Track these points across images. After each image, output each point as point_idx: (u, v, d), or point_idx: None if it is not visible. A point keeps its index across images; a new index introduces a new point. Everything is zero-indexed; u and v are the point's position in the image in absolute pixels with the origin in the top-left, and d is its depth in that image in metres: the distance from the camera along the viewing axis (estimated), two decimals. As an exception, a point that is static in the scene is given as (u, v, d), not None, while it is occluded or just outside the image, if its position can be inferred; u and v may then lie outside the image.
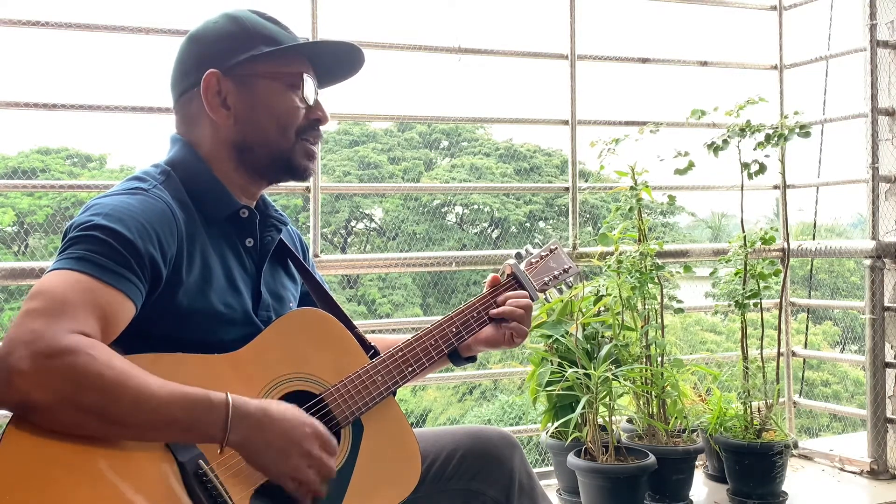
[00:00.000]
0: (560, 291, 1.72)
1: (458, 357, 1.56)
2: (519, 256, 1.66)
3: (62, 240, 1.18)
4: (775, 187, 2.99)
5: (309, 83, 1.37)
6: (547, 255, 1.68)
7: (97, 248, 1.13)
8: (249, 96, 1.33)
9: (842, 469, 2.71)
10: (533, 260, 1.66)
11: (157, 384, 1.07)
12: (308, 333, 1.34)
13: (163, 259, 1.20)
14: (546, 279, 1.65)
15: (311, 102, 1.38)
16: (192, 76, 1.34)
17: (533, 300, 1.58)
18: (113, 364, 1.04)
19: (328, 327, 1.37)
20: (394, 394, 1.39)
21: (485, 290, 1.57)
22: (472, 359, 1.60)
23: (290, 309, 1.43)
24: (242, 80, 1.33)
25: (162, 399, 1.06)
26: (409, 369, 1.40)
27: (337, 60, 1.44)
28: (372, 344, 1.43)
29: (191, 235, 1.27)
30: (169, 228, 1.22)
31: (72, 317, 1.05)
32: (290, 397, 1.28)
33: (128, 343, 1.17)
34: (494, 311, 1.53)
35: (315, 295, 1.51)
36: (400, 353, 1.40)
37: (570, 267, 1.68)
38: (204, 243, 1.29)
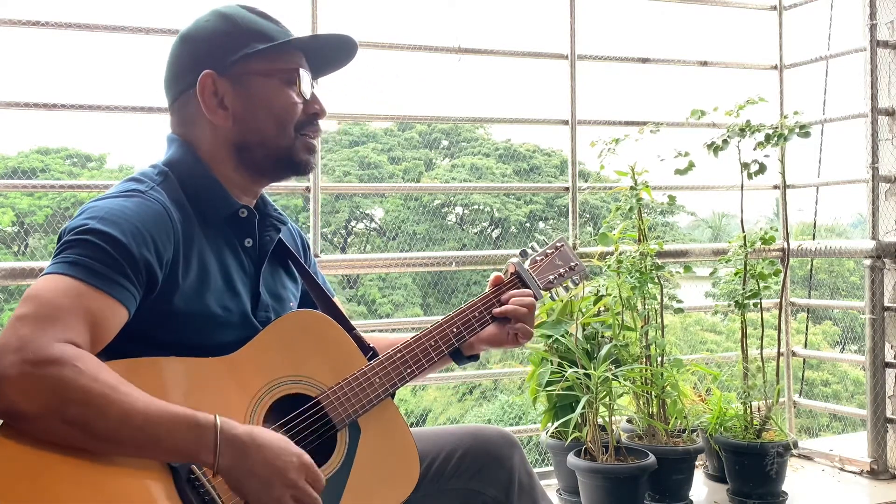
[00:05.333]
0: (566, 289, 1.67)
1: (461, 356, 1.55)
2: (524, 254, 1.62)
3: (57, 242, 1.17)
4: (775, 187, 2.99)
5: (305, 77, 1.36)
6: (552, 252, 1.64)
7: (91, 252, 1.12)
8: (246, 95, 1.32)
9: (842, 469, 2.71)
10: (538, 258, 1.63)
11: (144, 401, 1.05)
12: (305, 335, 1.33)
13: (158, 263, 1.19)
14: (551, 277, 1.62)
15: (307, 97, 1.37)
16: (187, 77, 1.33)
17: (537, 299, 1.55)
18: (99, 377, 1.03)
19: (326, 329, 1.36)
20: (392, 396, 1.38)
21: (487, 290, 1.55)
22: (475, 357, 1.58)
23: (290, 309, 1.42)
24: (238, 79, 1.32)
25: (147, 417, 1.04)
26: (408, 371, 1.39)
27: (330, 51, 1.43)
28: (370, 345, 1.41)
29: (188, 237, 1.26)
30: (165, 231, 1.21)
31: (62, 324, 1.04)
32: (286, 400, 1.27)
33: (124, 347, 1.16)
34: (497, 309, 1.51)
35: (314, 295, 1.50)
36: (399, 355, 1.39)
37: (576, 264, 1.65)
38: (201, 245, 1.28)
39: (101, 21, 2.28)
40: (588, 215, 14.41)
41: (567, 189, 2.78)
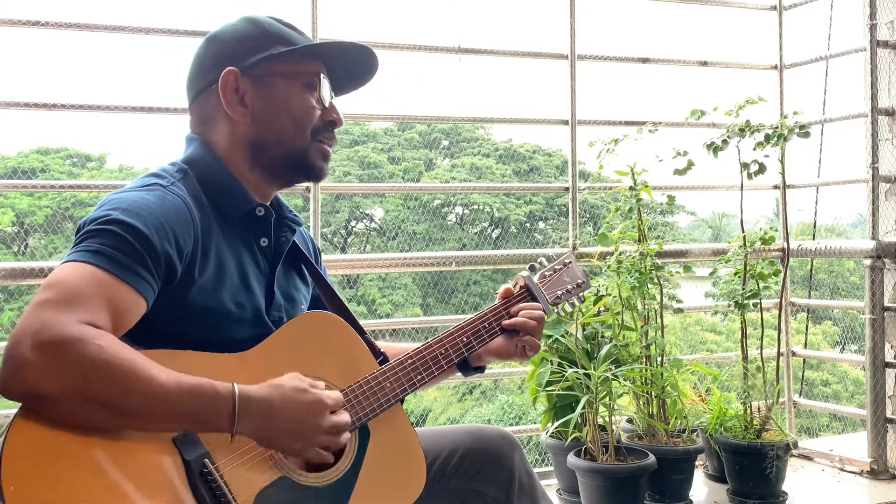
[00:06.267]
0: (572, 306, 1.71)
1: (468, 367, 1.57)
2: (532, 269, 1.64)
3: (77, 233, 1.18)
4: (775, 187, 2.99)
5: (325, 84, 1.38)
6: (561, 268, 1.67)
7: (113, 242, 1.13)
8: (267, 95, 1.34)
9: (842, 469, 2.71)
10: (546, 273, 1.65)
11: (165, 375, 1.07)
12: (318, 337, 1.34)
13: (178, 256, 1.20)
14: (559, 293, 1.64)
15: (326, 104, 1.39)
16: (209, 75, 1.35)
17: (545, 313, 1.57)
18: (121, 354, 1.04)
19: (339, 331, 1.37)
20: (401, 401, 1.39)
21: (497, 302, 1.57)
22: (481, 369, 1.60)
23: (301, 311, 1.43)
24: (260, 79, 1.34)
25: (169, 389, 1.06)
26: (419, 377, 1.40)
27: (352, 65, 1.45)
28: (381, 350, 1.43)
29: (206, 234, 1.27)
30: (185, 226, 1.22)
31: (83, 308, 1.05)
32: None
33: (138, 338, 1.17)
34: (507, 322, 1.53)
35: (326, 299, 1.51)
36: (409, 361, 1.40)
37: (583, 282, 1.68)
38: (219, 241, 1.30)
39: (101, 21, 2.28)
40: (588, 215, 14.41)
41: (567, 189, 2.78)
